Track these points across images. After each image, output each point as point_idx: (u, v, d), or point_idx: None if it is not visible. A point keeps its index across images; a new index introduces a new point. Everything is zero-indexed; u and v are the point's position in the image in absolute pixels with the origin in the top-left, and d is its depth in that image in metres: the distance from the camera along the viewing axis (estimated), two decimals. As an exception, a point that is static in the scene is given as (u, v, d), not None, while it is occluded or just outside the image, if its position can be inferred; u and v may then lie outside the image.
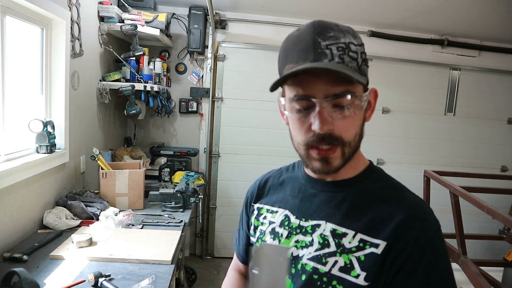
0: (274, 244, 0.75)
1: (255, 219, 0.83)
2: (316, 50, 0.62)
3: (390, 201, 0.69)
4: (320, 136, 0.64)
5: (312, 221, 0.73)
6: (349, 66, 0.62)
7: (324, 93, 0.63)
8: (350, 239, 0.68)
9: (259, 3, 2.92)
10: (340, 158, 0.67)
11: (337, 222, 0.70)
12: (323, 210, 0.72)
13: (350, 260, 0.67)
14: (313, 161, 0.68)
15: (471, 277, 1.96)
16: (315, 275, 0.68)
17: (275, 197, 0.82)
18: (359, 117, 0.67)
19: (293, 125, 0.70)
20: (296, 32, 0.68)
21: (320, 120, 0.63)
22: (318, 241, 0.70)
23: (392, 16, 2.97)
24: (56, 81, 1.88)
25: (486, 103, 3.52)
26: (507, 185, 2.83)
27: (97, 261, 1.41)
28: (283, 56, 0.68)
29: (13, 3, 1.52)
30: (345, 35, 0.64)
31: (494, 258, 2.95)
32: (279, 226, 0.76)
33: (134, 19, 2.45)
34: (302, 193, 0.77)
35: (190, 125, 3.30)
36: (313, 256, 0.70)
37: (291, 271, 0.72)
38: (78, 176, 2.16)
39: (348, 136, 0.66)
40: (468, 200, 1.99)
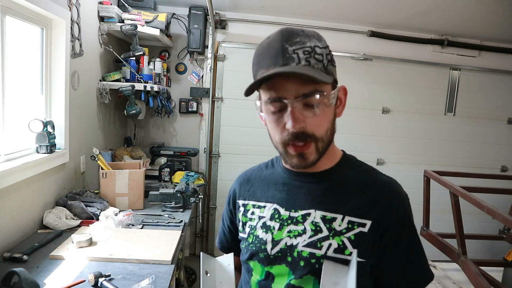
0: (222, 257, 0.83)
1: (243, 215, 0.87)
2: (285, 55, 0.68)
3: (367, 184, 0.79)
4: (294, 134, 0.70)
5: (302, 211, 0.79)
6: (315, 68, 0.69)
7: (294, 94, 0.69)
8: (340, 222, 0.75)
9: (259, 3, 2.92)
10: (315, 153, 0.74)
11: (325, 209, 0.77)
12: (310, 200, 0.79)
13: (342, 241, 0.74)
14: (291, 158, 0.75)
15: (471, 277, 1.96)
16: (313, 260, 0.74)
17: (259, 193, 0.87)
18: (329, 113, 0.74)
19: (270, 125, 0.77)
20: (266, 40, 0.74)
21: (293, 119, 0.69)
22: (310, 228, 0.77)
23: (392, 16, 2.97)
24: (56, 81, 1.88)
25: (486, 103, 3.52)
26: (507, 185, 2.83)
27: (97, 261, 1.41)
28: (256, 63, 0.75)
29: (13, 3, 1.52)
30: (311, 40, 0.71)
31: (494, 258, 2.94)
32: (270, 220, 0.81)
33: (134, 19, 2.45)
34: (287, 187, 0.83)
35: (190, 125, 3.30)
36: (308, 243, 0.76)
37: (287, 260, 0.77)
38: (78, 176, 2.16)
39: (320, 132, 0.73)
40: (468, 200, 1.98)
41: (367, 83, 3.34)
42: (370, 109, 3.38)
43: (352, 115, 3.34)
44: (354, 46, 3.30)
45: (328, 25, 3.24)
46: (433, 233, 2.37)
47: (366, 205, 0.76)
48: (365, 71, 3.32)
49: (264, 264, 0.80)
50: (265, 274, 0.80)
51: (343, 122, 3.77)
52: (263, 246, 0.80)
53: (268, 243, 0.79)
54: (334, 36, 3.27)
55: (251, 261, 0.83)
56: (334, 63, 0.75)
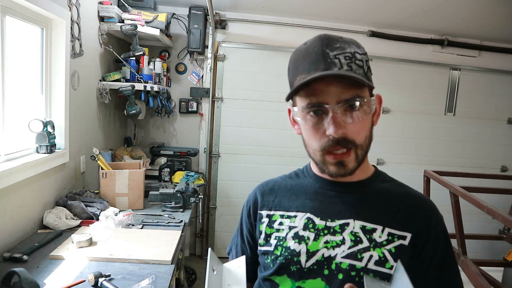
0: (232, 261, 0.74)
1: (267, 226, 0.81)
2: (326, 60, 0.67)
3: (403, 197, 0.78)
4: (335, 140, 0.68)
5: (339, 221, 0.75)
6: (357, 73, 0.68)
7: (336, 99, 0.67)
8: (380, 233, 0.72)
9: (259, 3, 2.92)
10: (355, 161, 0.72)
11: (364, 219, 0.74)
12: (347, 209, 0.76)
13: (383, 253, 0.71)
14: (329, 166, 0.72)
15: (471, 277, 1.96)
16: (353, 272, 0.70)
17: (287, 202, 0.82)
18: (368, 120, 0.73)
19: (307, 132, 0.74)
20: (303, 46, 0.73)
21: (334, 124, 0.67)
22: (350, 239, 0.72)
23: (392, 16, 2.97)
24: (56, 81, 1.88)
25: (486, 103, 3.52)
26: (507, 185, 2.83)
27: (97, 261, 1.41)
28: (293, 68, 0.73)
29: (13, 3, 1.52)
30: (350, 46, 0.70)
31: (494, 258, 2.95)
32: (303, 230, 0.76)
33: (134, 19, 2.45)
34: (321, 196, 0.79)
35: (190, 125, 3.30)
36: (347, 254, 0.71)
37: (323, 272, 0.72)
38: (78, 176, 2.16)
39: (360, 139, 0.71)
40: (468, 200, 1.98)
41: (367, 83, 3.33)
42: (370, 109, 3.38)
43: (352, 115, 3.34)
44: (354, 46, 3.30)
45: (328, 25, 3.24)
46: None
47: (405, 217, 0.74)
48: (365, 71, 3.31)
49: (295, 278, 0.73)
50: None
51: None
52: (296, 258, 0.73)
53: (302, 255, 0.73)
54: (334, 36, 3.27)
55: (278, 276, 0.75)
56: (371, 70, 0.75)
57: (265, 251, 0.79)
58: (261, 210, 0.84)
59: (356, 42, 0.73)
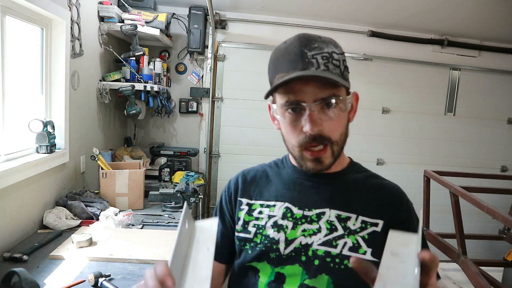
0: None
1: (246, 214, 0.84)
2: (304, 59, 0.70)
3: (375, 187, 0.83)
4: (312, 136, 0.72)
5: (316, 210, 0.79)
6: (333, 73, 0.71)
7: (313, 97, 0.71)
8: (354, 221, 0.77)
9: (259, 3, 2.92)
10: (331, 157, 0.76)
11: (340, 208, 0.78)
12: (323, 199, 0.80)
13: (357, 239, 0.76)
14: (307, 162, 0.77)
15: (471, 277, 1.96)
16: (328, 258, 0.75)
17: (266, 192, 0.85)
18: (344, 118, 0.77)
19: (285, 129, 0.78)
20: (283, 45, 0.76)
21: (311, 122, 0.71)
22: (326, 227, 0.77)
23: (392, 16, 2.97)
24: (56, 81, 1.88)
25: (486, 103, 3.52)
26: (507, 185, 2.83)
27: (97, 261, 1.41)
28: (273, 67, 0.76)
29: (13, 3, 1.52)
30: (328, 46, 0.74)
31: (494, 258, 2.94)
32: (282, 219, 0.80)
33: (134, 19, 2.45)
34: (299, 186, 0.83)
35: (190, 125, 3.30)
36: (323, 241, 0.76)
37: (301, 259, 0.76)
38: (78, 176, 2.16)
39: (336, 136, 0.75)
40: (468, 200, 1.99)
41: (367, 83, 3.34)
42: (370, 109, 3.38)
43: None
44: (354, 46, 3.30)
45: (328, 25, 3.24)
46: (433, 233, 2.37)
47: (377, 206, 0.79)
48: (365, 71, 3.32)
49: (274, 264, 0.78)
50: (275, 275, 0.77)
51: (343, 122, 3.72)
52: (275, 245, 0.78)
53: (281, 243, 0.78)
54: (334, 36, 3.16)
55: (258, 262, 0.79)
56: (348, 69, 0.77)
57: (243, 237, 0.83)
58: (242, 198, 0.87)
59: (334, 42, 0.77)
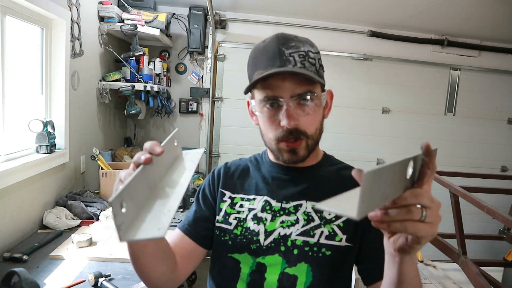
0: None
1: (228, 206, 0.88)
2: (282, 57, 0.74)
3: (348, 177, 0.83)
4: (288, 130, 0.76)
5: (293, 202, 0.84)
6: (309, 70, 0.75)
7: (289, 93, 0.75)
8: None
9: (259, 3, 2.92)
10: (305, 149, 0.80)
11: (315, 200, 0.82)
12: (300, 192, 0.84)
13: (333, 228, 0.80)
14: (283, 153, 0.80)
15: (471, 277, 1.96)
16: (306, 247, 0.79)
17: (247, 186, 0.90)
18: (319, 114, 0.80)
19: (263, 123, 0.81)
20: (262, 43, 0.80)
21: (288, 116, 0.74)
22: (303, 218, 0.82)
23: (392, 16, 2.97)
24: (56, 81, 1.88)
25: (486, 103, 3.52)
26: (507, 185, 2.83)
27: (97, 261, 1.41)
28: (252, 64, 0.81)
29: (13, 3, 1.52)
30: (304, 45, 0.77)
31: (494, 258, 2.95)
32: (261, 211, 0.84)
33: (134, 19, 2.45)
34: (277, 180, 0.87)
35: (190, 125, 3.30)
36: (301, 232, 0.80)
37: (280, 249, 0.80)
38: (78, 176, 2.16)
39: (311, 130, 0.79)
40: (468, 200, 1.99)
41: (367, 83, 3.34)
42: (370, 109, 3.38)
43: (352, 115, 3.34)
44: (354, 46, 3.30)
45: (328, 25, 3.24)
46: (433, 233, 2.37)
47: None
48: (365, 71, 3.32)
49: (255, 255, 0.81)
50: (257, 265, 0.81)
51: (343, 122, 3.74)
52: (255, 237, 0.82)
53: (261, 234, 0.82)
54: (334, 36, 3.27)
55: (239, 254, 0.83)
56: (323, 68, 0.82)
57: (224, 228, 0.86)
58: (224, 189, 0.91)
59: (310, 42, 0.80)
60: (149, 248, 0.70)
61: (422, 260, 2.56)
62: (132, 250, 0.69)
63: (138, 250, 0.69)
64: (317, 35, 3.25)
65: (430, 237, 0.48)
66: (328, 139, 3.59)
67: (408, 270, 0.56)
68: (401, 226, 0.46)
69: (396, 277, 0.57)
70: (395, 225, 0.46)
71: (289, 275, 0.79)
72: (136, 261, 0.72)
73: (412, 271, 0.57)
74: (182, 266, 0.83)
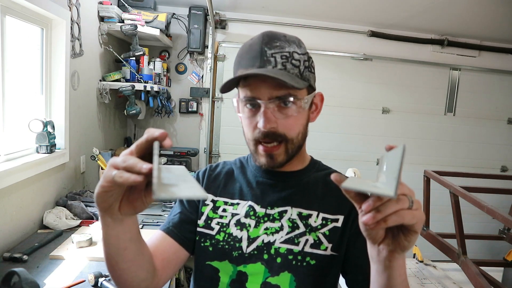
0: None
1: (210, 210, 0.84)
2: (262, 58, 0.72)
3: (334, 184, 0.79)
4: (264, 133, 0.73)
5: (278, 208, 0.80)
6: (290, 73, 0.72)
7: (268, 95, 0.72)
8: (315, 218, 0.78)
9: (259, 3, 2.92)
10: (284, 154, 0.76)
11: (301, 206, 0.79)
12: (286, 198, 0.81)
13: (318, 236, 0.77)
14: (260, 156, 0.77)
15: (471, 277, 1.96)
16: (290, 256, 0.76)
17: (231, 189, 0.86)
18: (302, 117, 0.76)
19: (244, 122, 0.79)
20: (249, 41, 0.77)
21: (264, 119, 0.72)
22: (288, 225, 0.78)
23: (392, 16, 2.97)
24: (56, 81, 1.88)
25: (486, 103, 3.52)
26: (507, 185, 2.83)
27: (97, 261, 1.41)
28: (237, 62, 0.78)
29: (13, 3, 1.52)
30: (290, 45, 0.74)
31: (494, 258, 2.94)
32: (245, 217, 0.80)
33: (134, 19, 2.45)
34: (262, 185, 0.84)
35: (190, 125, 3.30)
36: (285, 239, 0.77)
37: (263, 257, 0.77)
38: (78, 176, 2.16)
39: (291, 134, 0.75)
40: (468, 200, 1.98)
41: (367, 83, 3.34)
42: (370, 109, 3.38)
43: (352, 115, 3.34)
44: (354, 46, 3.30)
45: (328, 25, 3.24)
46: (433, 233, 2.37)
47: (336, 202, 0.79)
48: (365, 71, 3.32)
49: (236, 263, 0.77)
50: (237, 274, 0.77)
51: (343, 122, 3.74)
52: (238, 244, 0.78)
53: (244, 241, 0.78)
54: (334, 36, 3.27)
55: (218, 262, 0.79)
56: (312, 69, 0.78)
57: (204, 233, 0.82)
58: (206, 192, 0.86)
59: (298, 41, 0.76)
60: (129, 252, 0.63)
61: (422, 260, 2.56)
62: (110, 255, 0.62)
63: (117, 254, 0.62)
64: (317, 35, 3.25)
65: (422, 222, 0.49)
66: (328, 139, 3.59)
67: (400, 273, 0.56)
68: (398, 217, 0.46)
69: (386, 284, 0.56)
70: (391, 218, 0.46)
71: (271, 285, 0.75)
72: (114, 267, 0.64)
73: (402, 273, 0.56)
74: (163, 270, 0.76)
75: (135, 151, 0.51)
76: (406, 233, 0.49)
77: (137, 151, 0.51)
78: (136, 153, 0.51)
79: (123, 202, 0.54)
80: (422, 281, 2.30)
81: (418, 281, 2.29)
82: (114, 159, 0.49)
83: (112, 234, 0.58)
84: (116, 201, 0.53)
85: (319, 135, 3.28)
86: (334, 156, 3.32)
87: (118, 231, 0.58)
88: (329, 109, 3.30)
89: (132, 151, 0.51)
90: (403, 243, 0.50)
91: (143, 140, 0.51)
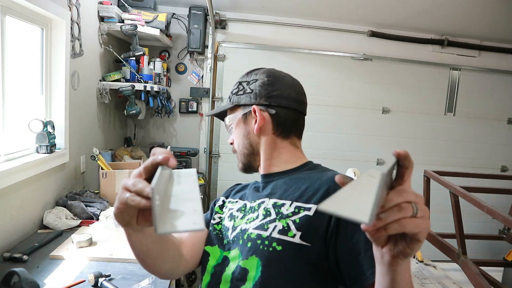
0: None
1: (218, 207, 0.99)
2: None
3: (318, 179, 0.84)
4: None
5: (258, 200, 0.88)
6: (231, 101, 0.96)
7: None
8: (288, 207, 0.82)
9: (259, 3, 2.92)
10: (240, 161, 0.96)
11: (277, 197, 0.85)
12: (266, 191, 0.90)
13: (287, 223, 0.79)
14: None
15: (471, 277, 1.96)
16: (259, 240, 0.79)
17: (239, 194, 0.99)
18: (239, 130, 0.94)
19: None
20: None
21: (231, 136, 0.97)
22: (262, 214, 0.84)
23: (392, 16, 2.97)
24: (56, 81, 1.88)
25: (486, 103, 3.52)
26: (507, 185, 2.83)
27: (97, 261, 1.41)
28: None
29: (13, 3, 1.52)
30: (242, 77, 0.98)
31: (494, 258, 2.95)
32: (236, 211, 0.92)
33: (134, 19, 2.45)
34: (255, 187, 0.96)
35: (190, 125, 3.30)
36: (257, 226, 0.82)
37: (239, 242, 0.83)
38: (78, 176, 2.16)
39: (236, 145, 0.96)
40: (468, 200, 1.99)
41: (367, 83, 3.34)
42: (370, 109, 3.38)
43: (352, 115, 3.34)
44: (354, 46, 3.30)
45: (328, 25, 3.24)
46: (433, 233, 2.37)
47: (311, 192, 0.82)
48: (365, 71, 3.32)
49: (224, 249, 0.87)
50: (222, 258, 0.86)
51: (343, 122, 3.74)
52: (226, 232, 0.89)
53: (230, 229, 0.88)
54: (334, 36, 3.27)
55: (210, 246, 0.90)
56: (239, 92, 0.95)
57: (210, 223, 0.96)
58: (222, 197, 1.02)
59: (252, 71, 0.98)
60: (152, 251, 0.73)
61: (422, 260, 2.56)
62: (136, 254, 0.73)
63: (142, 254, 0.73)
64: (317, 35, 3.25)
65: (427, 231, 0.47)
66: (328, 139, 3.59)
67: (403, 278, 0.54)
68: (399, 225, 0.45)
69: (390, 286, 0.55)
70: (392, 227, 0.45)
71: (241, 268, 0.79)
72: (141, 262, 0.76)
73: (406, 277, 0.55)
74: (192, 255, 0.89)
75: (143, 172, 0.55)
76: (409, 241, 0.47)
77: (145, 172, 0.55)
78: (145, 174, 0.55)
79: (139, 217, 0.59)
80: (422, 281, 2.30)
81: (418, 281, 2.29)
82: (126, 182, 0.54)
83: (134, 240, 0.68)
84: (133, 218, 0.58)
85: (319, 135, 3.28)
86: (334, 156, 3.32)
87: (139, 238, 0.67)
88: (329, 109, 3.31)
89: (140, 172, 0.55)
90: (406, 250, 0.48)
91: (148, 163, 0.54)
